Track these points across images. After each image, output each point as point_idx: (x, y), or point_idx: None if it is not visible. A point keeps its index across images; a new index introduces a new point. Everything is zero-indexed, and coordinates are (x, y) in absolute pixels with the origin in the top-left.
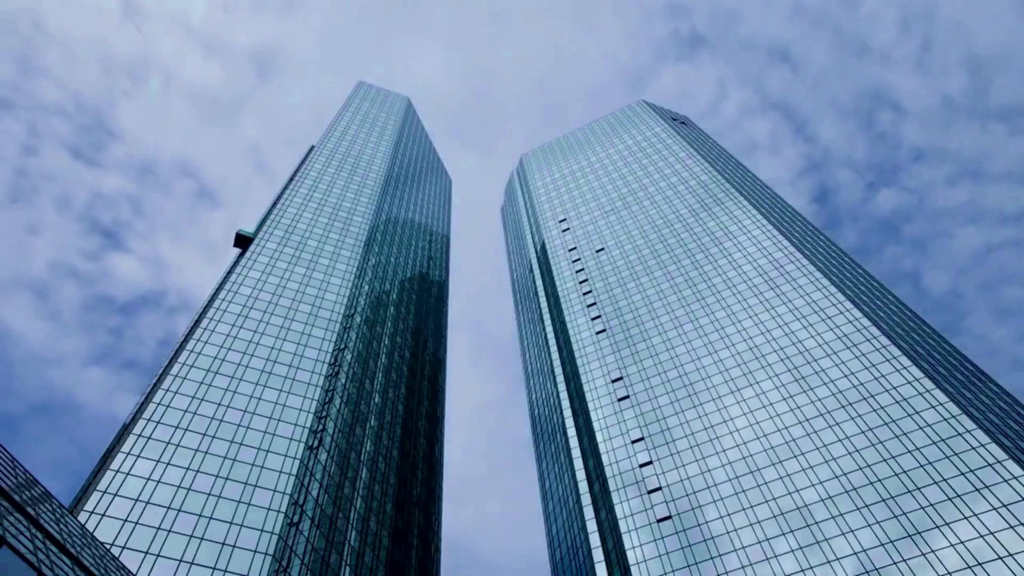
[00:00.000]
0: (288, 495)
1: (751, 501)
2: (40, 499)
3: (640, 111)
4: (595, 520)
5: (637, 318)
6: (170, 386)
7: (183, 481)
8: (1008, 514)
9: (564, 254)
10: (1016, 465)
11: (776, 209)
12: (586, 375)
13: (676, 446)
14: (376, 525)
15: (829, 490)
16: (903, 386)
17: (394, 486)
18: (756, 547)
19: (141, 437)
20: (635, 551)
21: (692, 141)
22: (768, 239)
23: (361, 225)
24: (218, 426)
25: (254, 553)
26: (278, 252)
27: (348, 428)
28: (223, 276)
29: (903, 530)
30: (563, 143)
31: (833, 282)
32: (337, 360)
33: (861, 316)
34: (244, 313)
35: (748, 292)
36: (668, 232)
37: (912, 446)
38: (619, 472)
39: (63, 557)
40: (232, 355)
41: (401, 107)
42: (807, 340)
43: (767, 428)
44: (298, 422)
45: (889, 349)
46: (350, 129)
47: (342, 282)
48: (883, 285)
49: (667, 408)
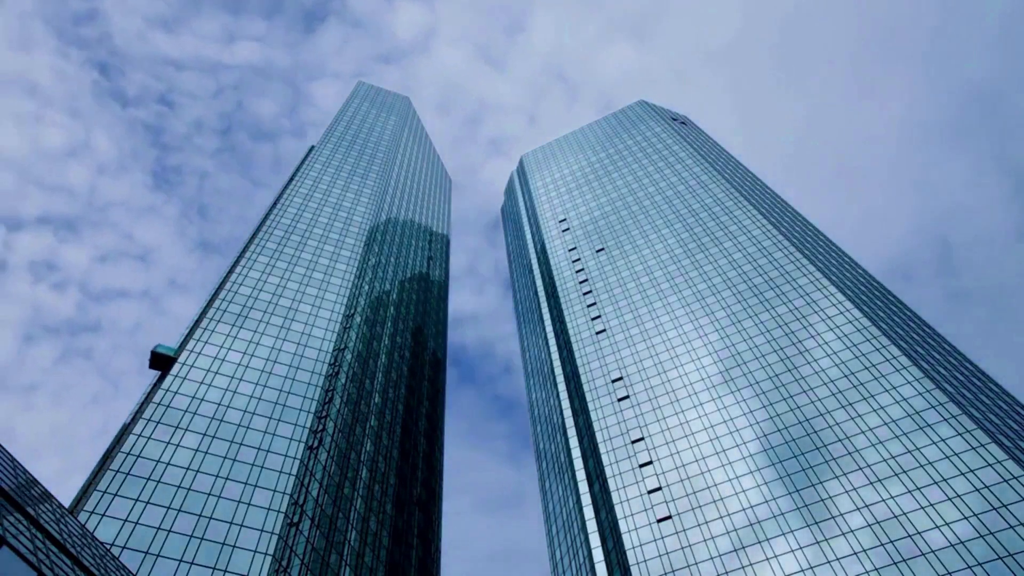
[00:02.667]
0: (288, 495)
1: (751, 501)
2: (40, 499)
3: (640, 111)
4: (595, 520)
5: (637, 318)
6: (170, 386)
7: (183, 481)
8: (1008, 514)
9: (564, 254)
10: (1016, 465)
11: (776, 209)
12: (586, 375)
13: (676, 446)
14: (376, 525)
15: (829, 490)
16: (903, 386)
17: (394, 486)
18: (756, 547)
19: (141, 437)
20: (635, 551)
21: (692, 141)
22: (768, 239)
23: (361, 225)
24: (218, 426)
25: (254, 553)
26: (278, 252)
27: (348, 428)
28: (223, 276)
29: (903, 530)
30: (563, 143)
31: (833, 282)
32: (337, 360)
33: (861, 316)
34: (244, 313)
35: (748, 292)
36: (668, 232)
37: (912, 446)
38: (619, 472)
39: (63, 557)
40: (232, 355)
41: (401, 107)
42: (807, 340)
43: (767, 428)
44: (298, 422)
45: (889, 349)
46: (350, 129)
47: (342, 282)
48: (883, 285)
49: (667, 408)
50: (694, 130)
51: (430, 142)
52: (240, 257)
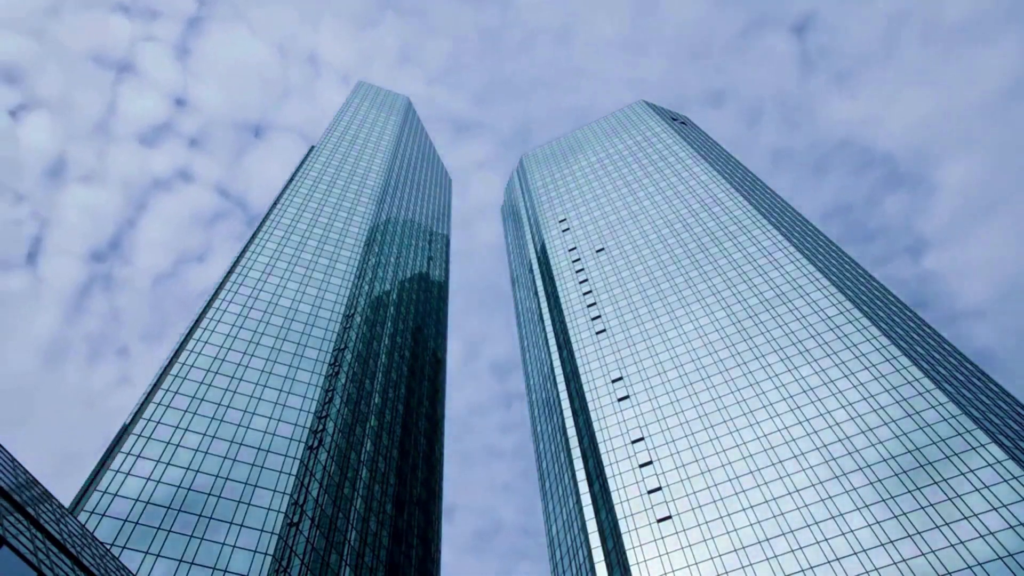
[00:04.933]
0: (288, 495)
1: (751, 501)
2: (40, 499)
3: (640, 111)
4: (595, 520)
5: (637, 318)
6: (170, 386)
7: (183, 481)
8: (1008, 514)
9: (564, 254)
10: (1016, 465)
11: (776, 209)
12: (586, 375)
13: (676, 446)
14: (376, 525)
15: (829, 490)
16: (903, 386)
17: (394, 486)
18: (756, 547)
19: (141, 437)
20: (635, 551)
21: (692, 141)
22: (768, 239)
23: (361, 225)
24: (218, 426)
25: (254, 553)
26: (278, 252)
27: (348, 428)
28: (223, 276)
29: (903, 530)
30: (563, 143)
31: (833, 282)
32: (337, 360)
33: (861, 316)
34: (244, 313)
35: (748, 292)
36: (668, 232)
37: (912, 446)
38: (619, 472)
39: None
40: (232, 355)
41: (401, 107)
42: (807, 340)
43: (767, 428)
44: (298, 422)
45: (889, 349)
46: (350, 129)
47: (342, 282)
48: (883, 285)
49: (667, 408)
50: (694, 130)
51: (430, 142)
52: (240, 257)
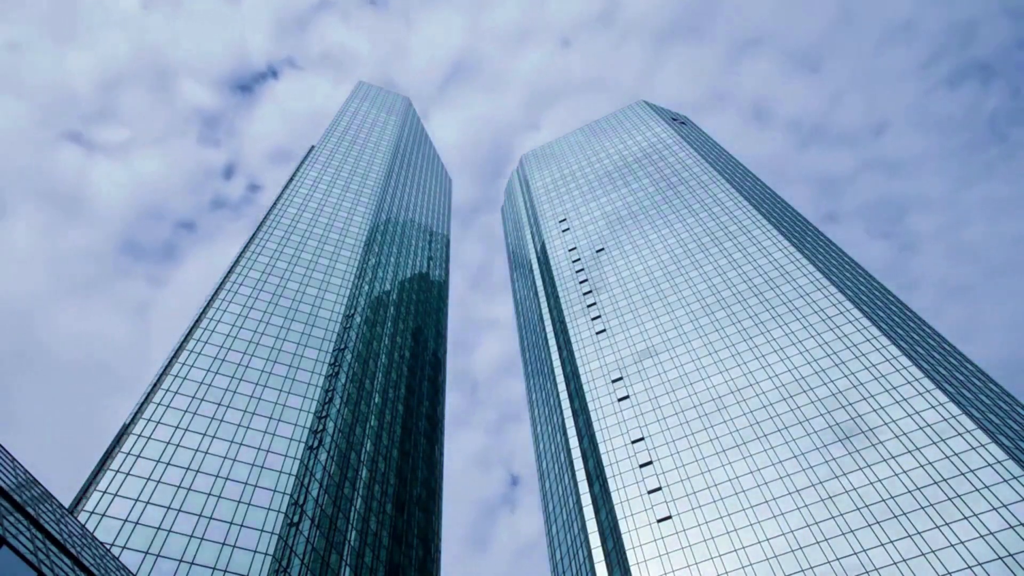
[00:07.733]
0: (288, 495)
1: (751, 501)
2: (40, 499)
3: (640, 111)
4: (595, 520)
5: (637, 318)
6: (170, 386)
7: (183, 481)
8: (1008, 514)
9: (564, 254)
10: (1016, 465)
11: (776, 209)
12: (586, 375)
13: (676, 446)
14: (376, 525)
15: (829, 490)
16: (903, 386)
17: (394, 486)
18: (756, 547)
19: (141, 437)
20: (635, 551)
21: (692, 141)
22: (768, 239)
23: (361, 225)
24: (218, 426)
25: (254, 553)
26: (278, 252)
27: (348, 428)
28: (223, 276)
29: (903, 530)
30: (563, 143)
31: (833, 283)
32: (337, 360)
33: (861, 316)
34: (244, 313)
35: (748, 292)
36: (668, 232)
37: (912, 446)
38: (619, 472)
39: (63, 557)
40: (232, 355)
41: (401, 107)
42: (807, 340)
43: (767, 428)
44: (298, 422)
45: (889, 349)
46: (350, 129)
47: (342, 282)
48: (883, 285)
49: (667, 408)
50: (694, 130)
51: (430, 142)
52: (240, 257)
